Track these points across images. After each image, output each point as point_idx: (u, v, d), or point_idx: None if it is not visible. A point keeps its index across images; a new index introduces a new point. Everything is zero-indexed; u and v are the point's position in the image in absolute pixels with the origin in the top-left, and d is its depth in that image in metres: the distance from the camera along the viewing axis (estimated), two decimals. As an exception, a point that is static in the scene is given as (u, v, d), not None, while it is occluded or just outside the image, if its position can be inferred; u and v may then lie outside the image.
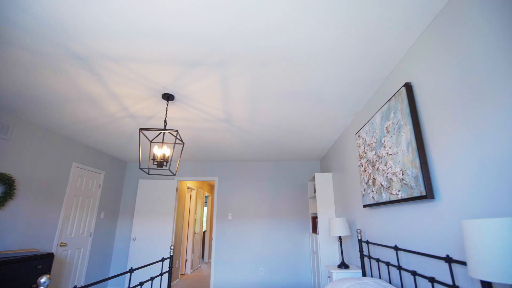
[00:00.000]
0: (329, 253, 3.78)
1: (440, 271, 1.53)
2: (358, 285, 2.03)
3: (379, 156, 2.26)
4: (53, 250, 3.56)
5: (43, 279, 1.27)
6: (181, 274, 5.87)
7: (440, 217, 1.52)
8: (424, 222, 1.69)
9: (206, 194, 8.09)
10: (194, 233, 6.72)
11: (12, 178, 2.93)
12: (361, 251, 2.72)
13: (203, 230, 8.12)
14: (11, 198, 2.92)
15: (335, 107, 2.79)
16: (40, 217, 3.36)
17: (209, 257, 8.00)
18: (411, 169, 1.73)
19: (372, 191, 2.42)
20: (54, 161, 3.60)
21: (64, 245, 3.77)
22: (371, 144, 2.45)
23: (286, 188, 5.12)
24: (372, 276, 2.52)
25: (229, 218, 4.98)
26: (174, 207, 5.02)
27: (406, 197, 1.81)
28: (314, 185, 4.81)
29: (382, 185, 2.20)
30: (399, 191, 1.91)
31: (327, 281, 3.60)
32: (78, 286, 3.89)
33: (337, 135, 3.73)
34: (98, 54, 1.88)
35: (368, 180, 2.53)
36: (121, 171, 5.25)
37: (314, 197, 4.65)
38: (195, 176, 5.26)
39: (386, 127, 2.12)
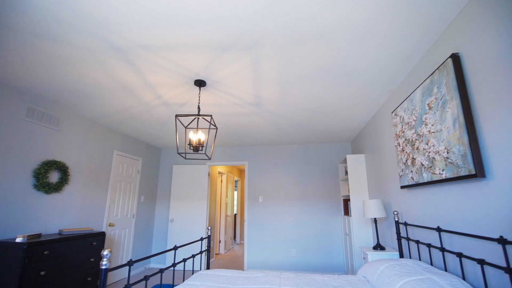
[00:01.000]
0: (363, 235, 3.75)
1: (490, 253, 1.45)
2: (397, 266, 2.01)
3: (419, 134, 2.15)
4: (103, 230, 3.93)
5: (105, 252, 1.42)
6: (215, 253, 6.20)
7: (492, 197, 1.43)
8: (472, 202, 1.60)
9: (236, 178, 8.30)
10: (226, 216, 6.99)
11: (66, 165, 3.24)
12: (398, 233, 2.66)
13: (234, 213, 8.41)
14: (67, 183, 3.24)
15: (369, 85, 2.67)
16: (90, 200, 3.71)
17: (241, 238, 8.32)
18: (457, 147, 1.63)
19: (411, 171, 2.32)
20: (98, 149, 3.90)
21: (112, 225, 4.14)
22: (410, 123, 2.32)
23: (316, 171, 5.08)
24: (410, 258, 2.47)
25: (260, 201, 5.10)
26: (207, 191, 5.24)
27: (451, 176, 1.71)
28: (346, 167, 4.72)
29: (423, 164, 2.10)
30: (443, 170, 1.81)
31: (362, 263, 3.59)
32: (126, 262, 4.28)
33: (370, 115, 3.58)
34: (135, 44, 1.96)
35: (406, 160, 2.43)
36: (156, 158, 5.55)
37: (346, 179, 4.58)
38: (225, 161, 5.40)
39: (427, 104, 2.00)
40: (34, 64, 2.25)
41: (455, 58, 1.66)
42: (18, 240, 2.44)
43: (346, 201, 4.64)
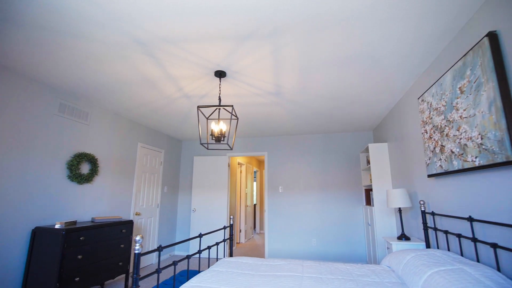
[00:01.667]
0: (386, 225, 3.68)
1: (529, 242, 1.38)
2: (425, 256, 1.96)
3: (449, 120, 2.05)
4: (131, 218, 4.13)
5: (137, 237, 1.50)
6: (236, 242, 6.35)
7: (532, 184, 1.34)
8: (508, 190, 1.51)
9: (255, 169, 8.36)
10: (246, 206, 7.10)
11: (95, 157, 3.42)
12: (424, 223, 2.58)
13: (254, 203, 8.52)
14: (97, 174, 3.42)
15: (394, 70, 2.56)
16: (118, 190, 3.90)
17: (260, 228, 8.44)
18: (493, 132, 1.54)
19: (440, 159, 2.22)
20: (123, 142, 4.07)
21: (138, 214, 4.34)
22: (438, 108, 2.21)
23: (337, 161, 5.00)
24: (438, 249, 2.40)
25: (280, 191, 5.12)
26: (227, 181, 5.34)
27: (485, 163, 1.62)
28: (367, 156, 4.61)
29: (453, 152, 2.01)
30: (476, 157, 1.72)
31: (385, 253, 3.54)
32: (152, 249, 4.49)
33: (394, 102, 3.44)
34: (157, 37, 2.00)
35: (434, 148, 2.33)
36: (178, 149, 5.70)
37: (367, 169, 4.48)
38: (245, 152, 5.45)
39: (459, 87, 1.89)
40: (64, 61, 2.36)
41: (492, 37, 1.55)
42: (57, 226, 2.63)
43: (368, 191, 4.55)
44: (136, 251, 1.51)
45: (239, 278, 2.10)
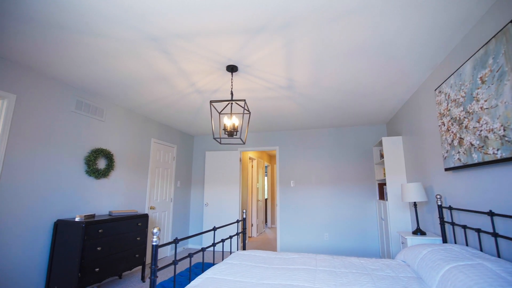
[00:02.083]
0: (400, 220, 3.63)
1: (555, 237, 1.33)
2: (442, 251, 1.92)
3: (468, 112, 1.98)
4: (146, 212, 4.24)
5: (155, 230, 1.55)
6: (248, 236, 6.41)
7: (559, 177, 1.29)
8: (533, 183, 1.46)
9: (266, 164, 8.37)
10: (258, 200, 7.14)
11: (111, 153, 3.51)
12: (441, 217, 2.53)
13: (265, 198, 8.56)
14: (113, 169, 3.52)
15: (410, 61, 2.48)
16: (133, 185, 4.00)
17: (272, 222, 8.48)
18: (517, 123, 1.47)
19: (458, 152, 2.16)
20: (137, 138, 4.15)
21: (153, 208, 4.44)
22: (457, 100, 2.14)
23: (349, 155, 4.94)
24: (456, 243, 2.35)
25: (291, 185, 5.12)
26: (239, 176, 5.38)
27: (508, 156, 1.57)
28: (381, 150, 4.53)
29: (472, 144, 1.95)
30: (497, 150, 1.66)
31: (399, 247, 3.49)
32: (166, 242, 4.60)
33: (409, 94, 3.35)
34: (169, 33, 2.01)
35: (452, 141, 2.26)
36: (190, 144, 5.77)
37: (381, 163, 4.40)
38: (257, 146, 5.45)
39: (480, 77, 1.82)
40: (80, 59, 2.42)
41: (517, 23, 1.48)
42: (77, 219, 2.73)
43: (381, 185, 4.48)
44: (154, 243, 1.55)
45: (253, 271, 2.13)
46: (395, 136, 3.96)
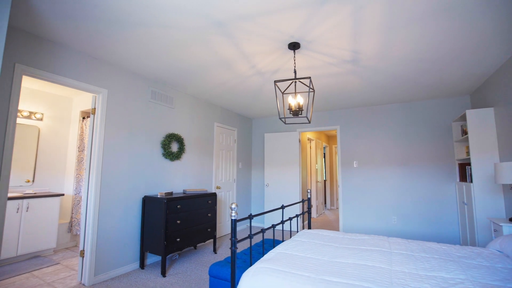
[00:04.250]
0: (489, 205, 3.16)
1: None
2: (556, 240, 1.62)
3: None
4: (214, 191, 4.59)
5: (233, 205, 1.67)
6: (308, 216, 6.44)
7: None
8: None
9: (324, 144, 8.14)
10: (317, 182, 7.05)
11: (182, 137, 3.86)
12: (552, 202, 2.11)
13: (324, 179, 8.40)
14: (184, 152, 3.88)
15: (507, 18, 2.03)
16: (201, 166, 4.35)
17: (331, 204, 8.33)
18: None
19: None
20: (202, 122, 4.45)
21: (219, 188, 4.78)
22: None
23: (421, 132, 4.44)
24: None
25: (354, 166, 4.88)
26: (298, 157, 5.36)
27: None
28: (463, 125, 3.94)
29: None
30: None
31: (489, 236, 3.07)
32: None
33: (506, 57, 2.78)
34: (233, 15, 2.04)
35: None
36: (249, 127, 5.94)
37: (463, 140, 3.84)
38: (316, 126, 5.31)
39: None
40: (154, 52, 2.65)
41: None
42: (159, 196, 3.12)
43: (463, 166, 3.93)
44: (233, 217, 1.68)
45: (323, 249, 2.14)
46: (483, 108, 3.37)
